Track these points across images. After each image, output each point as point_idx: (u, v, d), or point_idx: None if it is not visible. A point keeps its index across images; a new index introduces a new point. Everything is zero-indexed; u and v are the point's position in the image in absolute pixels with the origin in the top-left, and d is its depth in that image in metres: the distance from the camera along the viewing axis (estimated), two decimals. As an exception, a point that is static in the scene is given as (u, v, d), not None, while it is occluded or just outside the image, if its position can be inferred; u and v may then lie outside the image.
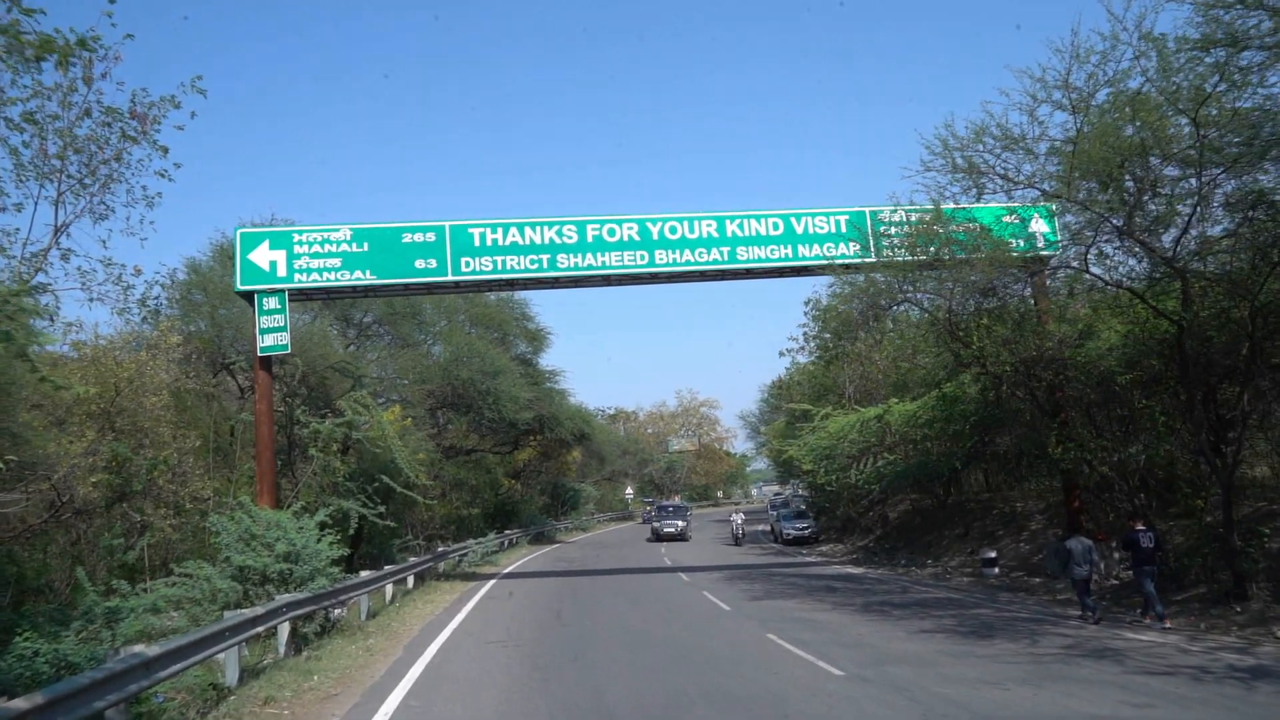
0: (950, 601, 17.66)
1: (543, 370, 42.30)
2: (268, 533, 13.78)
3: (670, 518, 44.89)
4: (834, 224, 20.42)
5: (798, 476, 42.59)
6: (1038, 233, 19.63)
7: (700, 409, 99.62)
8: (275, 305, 18.33)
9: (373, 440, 20.41)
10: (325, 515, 15.19)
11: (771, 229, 20.20)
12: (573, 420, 42.91)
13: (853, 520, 40.78)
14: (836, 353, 36.04)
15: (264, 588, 13.33)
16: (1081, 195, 13.94)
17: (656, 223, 19.92)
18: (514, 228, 19.36)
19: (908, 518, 34.79)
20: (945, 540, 28.68)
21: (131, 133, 14.64)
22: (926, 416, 24.76)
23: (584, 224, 19.66)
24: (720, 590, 20.62)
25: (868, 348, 35.42)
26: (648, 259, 19.69)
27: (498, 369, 33.43)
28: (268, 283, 18.45)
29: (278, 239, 18.70)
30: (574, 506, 60.90)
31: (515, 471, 49.40)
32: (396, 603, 19.80)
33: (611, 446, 65.14)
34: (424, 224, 19.17)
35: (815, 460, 31.55)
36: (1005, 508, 27.85)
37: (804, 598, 18.87)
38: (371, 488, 21.19)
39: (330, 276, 18.70)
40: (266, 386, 18.57)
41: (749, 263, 20.08)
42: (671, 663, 11.44)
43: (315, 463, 19.29)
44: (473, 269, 19.07)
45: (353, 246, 18.83)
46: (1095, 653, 11.39)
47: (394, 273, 18.92)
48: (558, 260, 19.39)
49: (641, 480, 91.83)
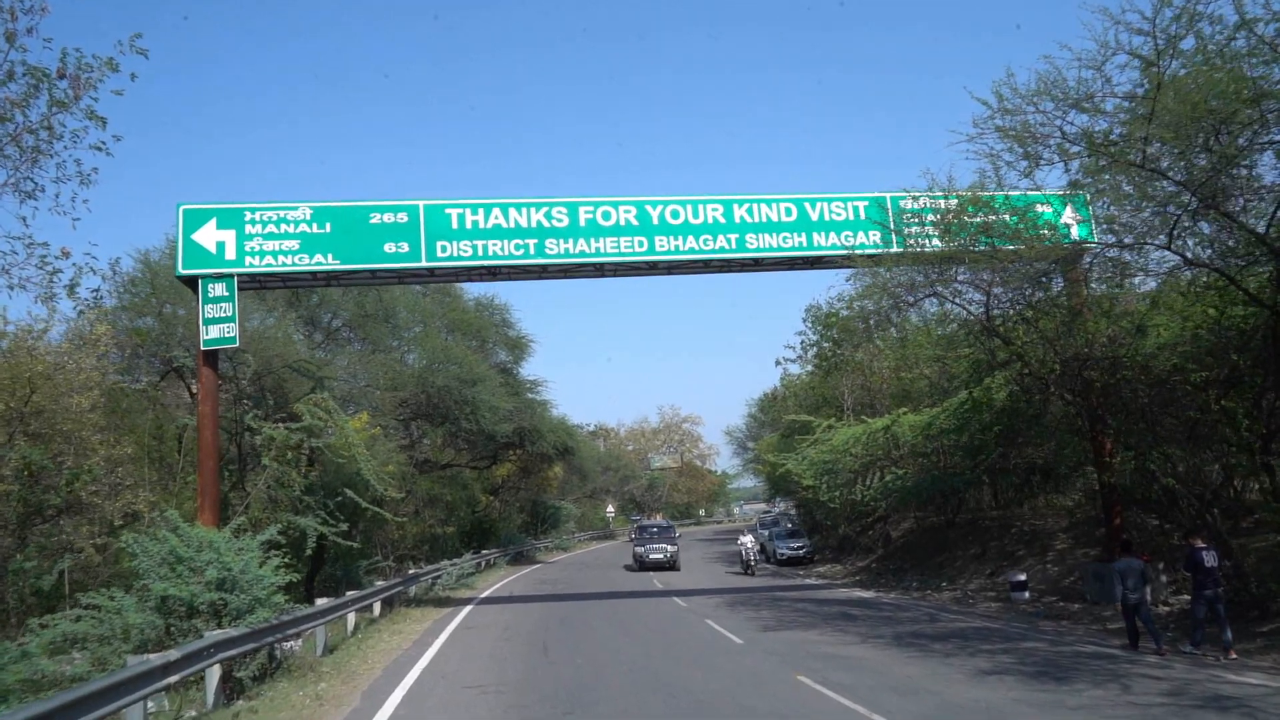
0: (991, 632, 15.56)
1: (524, 380, 40.07)
2: (199, 555, 11.42)
3: (655, 541, 35.50)
4: (852, 210, 18.49)
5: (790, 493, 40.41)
6: (1071, 223, 17.89)
7: (683, 425, 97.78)
8: (222, 292, 16.01)
9: (335, 449, 18.06)
10: (273, 533, 12.82)
11: (784, 214, 18.22)
12: (555, 433, 40.57)
13: (850, 539, 38.73)
14: (836, 361, 34.15)
15: (191, 622, 10.96)
16: (1164, 163, 11.98)
17: (657, 206, 17.86)
18: (497, 208, 17.21)
19: (913, 537, 32.73)
20: (959, 561, 26.63)
21: (61, 97, 12.94)
22: (943, 426, 22.78)
23: (576, 206, 17.55)
24: (725, 618, 18.41)
25: (869, 357, 33.56)
26: (647, 246, 17.61)
27: (476, 377, 31.18)
28: (214, 266, 16.13)
29: (227, 217, 16.40)
30: (554, 525, 58.36)
31: (494, 488, 46.92)
32: (360, 633, 17.41)
33: (594, 463, 62.71)
34: (394, 203, 16.96)
35: (816, 475, 29.51)
36: (1024, 526, 25.88)
37: (822, 627, 16.69)
38: (334, 503, 18.83)
39: (287, 261, 16.42)
40: (211, 386, 16.19)
41: (758, 251, 18.06)
42: (694, 717, 9.22)
43: (268, 474, 16.90)
44: (450, 254, 16.87)
45: (313, 227, 16.57)
46: (1209, 702, 9.31)
47: (360, 257, 16.69)
48: (546, 246, 17.25)
49: (623, 498, 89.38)
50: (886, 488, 27.19)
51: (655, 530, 37.17)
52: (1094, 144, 12.30)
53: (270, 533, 12.76)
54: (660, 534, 36.35)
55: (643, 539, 36.19)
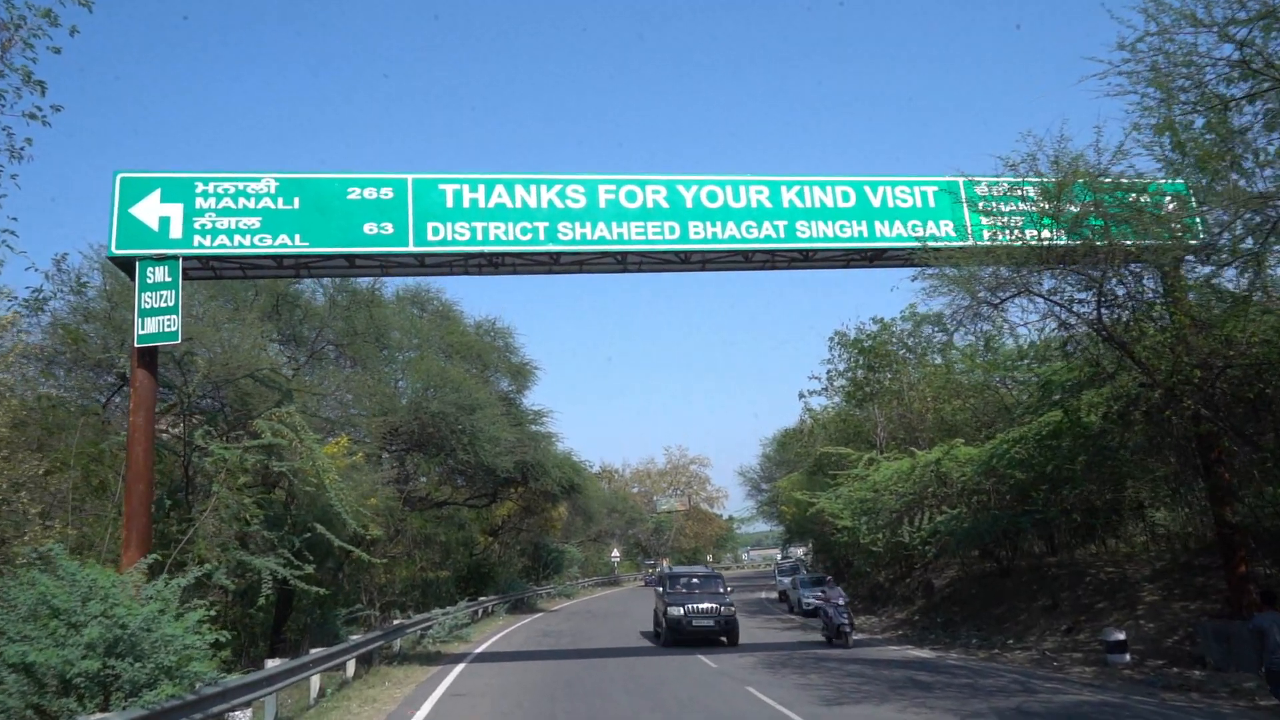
0: (1116, 710, 12.30)
1: (527, 411, 36.95)
2: (86, 606, 8.32)
3: (698, 598, 23.05)
4: (920, 196, 15.67)
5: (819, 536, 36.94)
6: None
7: (690, 467, 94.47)
8: (163, 277, 13.13)
9: (301, 475, 15.00)
10: (197, 576, 9.73)
11: (840, 199, 15.39)
12: (561, 469, 37.37)
13: (882, 588, 35.29)
14: (870, 391, 31.11)
15: (64, 701, 7.83)
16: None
17: (691, 187, 15.06)
18: (500, 185, 14.42)
19: (959, 585, 29.33)
20: (1024, 614, 23.26)
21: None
22: (1015, 456, 19.68)
23: (595, 184, 14.76)
24: (768, 684, 15.15)
25: (907, 385, 30.55)
26: (679, 233, 14.76)
27: (475, 403, 28.12)
28: (155, 246, 13.28)
29: (174, 188, 13.57)
30: (557, 570, 54.80)
31: (493, 528, 43.56)
32: (327, 699, 14.22)
33: (600, 503, 59.29)
34: (378, 176, 14.18)
35: (855, 516, 26.29)
36: (1098, 574, 22.58)
37: (897, 700, 13.42)
38: (300, 541, 15.72)
39: (244, 242, 13.58)
40: (147, 392, 13.21)
41: (810, 242, 15.22)
42: None
43: (214, 502, 13.81)
44: (443, 237, 14.03)
45: (278, 202, 13.75)
46: None
47: (334, 239, 13.85)
48: (558, 231, 14.41)
49: (628, 541, 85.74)
50: (937, 529, 23.95)
51: (695, 582, 24.39)
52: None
53: (194, 576, 9.66)
54: (703, 586, 24.01)
55: (676, 594, 23.36)
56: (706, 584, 24.31)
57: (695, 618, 22.22)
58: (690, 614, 22.24)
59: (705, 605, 22.42)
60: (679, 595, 23.23)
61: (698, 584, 24.29)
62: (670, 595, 23.32)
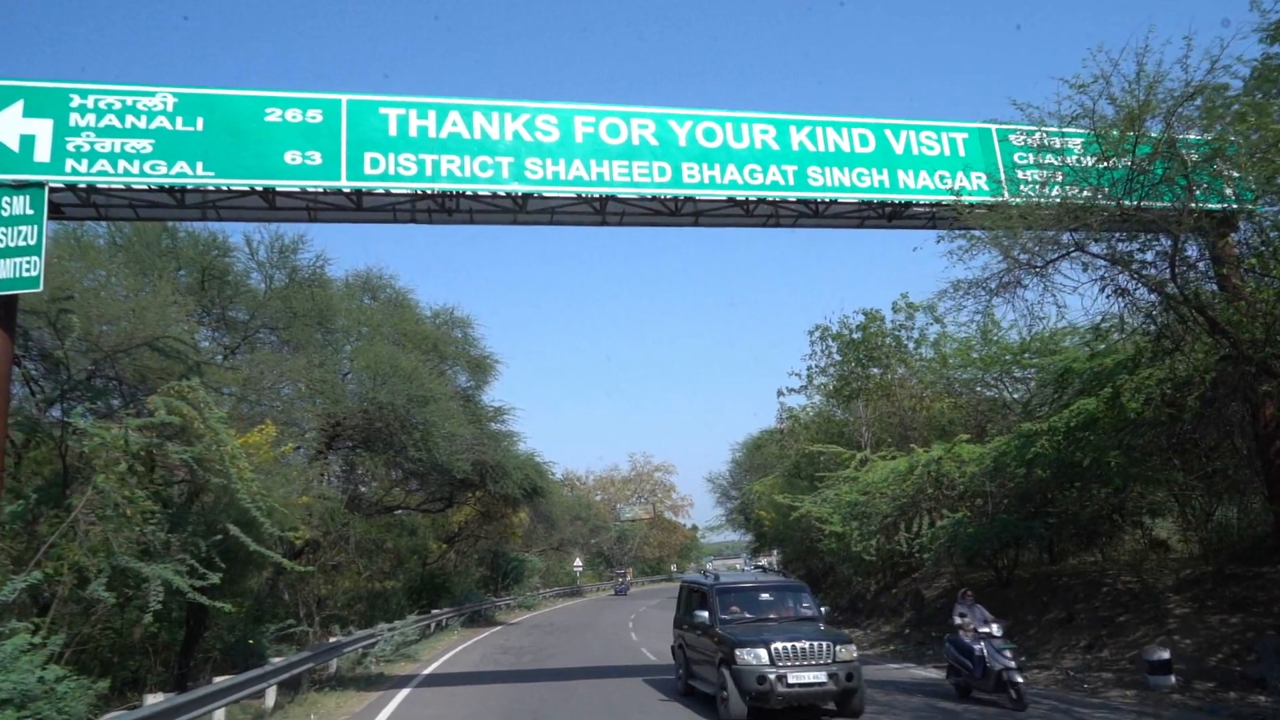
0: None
1: (486, 407, 34.23)
2: None
3: (787, 632, 11.76)
4: (948, 143, 13.49)
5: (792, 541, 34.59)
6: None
7: (654, 474, 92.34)
8: (24, 209, 10.38)
9: (204, 462, 12.26)
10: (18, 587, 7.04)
11: (857, 143, 13.14)
12: (522, 470, 34.57)
13: (864, 599, 33.13)
14: (858, 386, 28.99)
15: None
16: None
17: (684, 122, 12.71)
18: (455, 111, 11.92)
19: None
20: (1035, 629, 21.15)
21: None
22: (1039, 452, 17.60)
23: (570, 114, 12.32)
24: (771, 716, 12.69)
25: (898, 381, 28.50)
26: (669, 175, 12.38)
27: (429, 394, 25.41)
28: (14, 171, 10.53)
29: (41, 99, 10.82)
30: (517, 580, 51.89)
31: (449, 535, 40.66)
32: (232, 740, 11.48)
33: (563, 510, 56.54)
34: (303, 95, 11.52)
35: (845, 521, 24.08)
36: (1116, 584, 20.57)
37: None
38: (209, 545, 12.96)
39: (132, 169, 10.88)
40: (2, 353, 10.43)
41: (823, 190, 12.94)
42: None
43: (89, 497, 11.01)
44: (383, 171, 11.49)
45: (177, 123, 11.08)
46: None
47: (247, 170, 11.22)
48: (525, 168, 11.93)
49: (590, 551, 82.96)
50: (937, 535, 21.82)
51: (767, 599, 13.41)
52: None
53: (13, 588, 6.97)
54: (780, 606, 13.27)
55: (743, 625, 12.43)
56: (784, 601, 13.39)
57: (794, 670, 11.05)
58: (784, 664, 11.07)
59: (805, 645, 11.33)
60: (749, 628, 12.23)
61: (771, 601, 13.33)
62: (731, 628, 12.26)
